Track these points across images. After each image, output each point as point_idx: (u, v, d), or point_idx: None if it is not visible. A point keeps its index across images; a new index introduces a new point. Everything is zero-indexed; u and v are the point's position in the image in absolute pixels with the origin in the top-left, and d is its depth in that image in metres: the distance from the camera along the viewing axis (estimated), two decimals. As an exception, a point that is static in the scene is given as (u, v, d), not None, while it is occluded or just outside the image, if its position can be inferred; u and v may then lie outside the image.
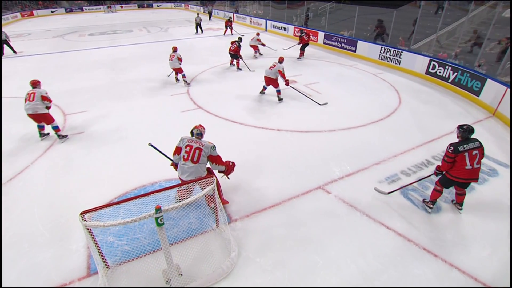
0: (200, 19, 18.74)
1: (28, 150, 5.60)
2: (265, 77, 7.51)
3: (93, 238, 2.82)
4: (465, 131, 3.51)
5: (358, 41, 11.95)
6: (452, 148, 3.47)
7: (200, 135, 3.68)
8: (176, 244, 3.36)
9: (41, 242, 3.56)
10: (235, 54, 10.17)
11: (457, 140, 3.65)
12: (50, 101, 5.78)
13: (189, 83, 8.93)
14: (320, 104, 7.35)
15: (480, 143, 3.53)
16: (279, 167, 4.91)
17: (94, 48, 14.84)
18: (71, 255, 3.38)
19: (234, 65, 10.72)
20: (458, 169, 3.51)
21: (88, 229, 2.72)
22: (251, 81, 9.12)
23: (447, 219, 3.84)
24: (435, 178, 4.04)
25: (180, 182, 3.60)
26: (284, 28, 16.86)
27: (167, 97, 8.04)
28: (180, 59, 8.54)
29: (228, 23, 17.39)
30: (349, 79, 9.44)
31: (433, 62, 9.05)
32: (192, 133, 3.72)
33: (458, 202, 3.95)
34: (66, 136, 5.99)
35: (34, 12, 31.77)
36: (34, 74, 10.32)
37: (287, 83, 7.47)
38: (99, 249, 2.93)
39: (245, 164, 4.96)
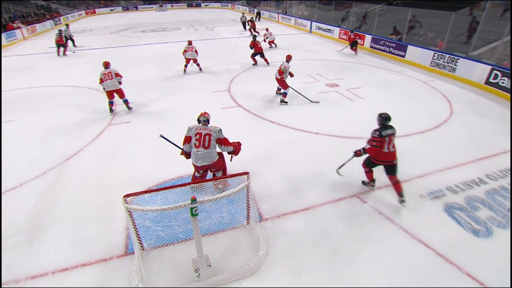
0: (245, 18, 19.19)
1: (83, 133, 6.18)
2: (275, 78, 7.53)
3: (132, 220, 3.04)
4: (384, 119, 4.00)
5: (409, 46, 11.28)
6: (377, 133, 3.91)
7: (207, 121, 3.88)
8: (207, 236, 3.47)
9: (88, 218, 3.93)
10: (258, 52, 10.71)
11: None
12: (121, 76, 6.97)
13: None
14: (311, 102, 7.37)
15: (394, 129, 4.00)
16: (314, 171, 4.83)
17: (145, 44, 15.87)
18: (112, 233, 3.67)
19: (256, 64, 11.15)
20: (378, 152, 3.94)
21: (129, 211, 2.93)
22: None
23: (498, 246, 3.48)
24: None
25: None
26: (330, 30, 16.50)
27: (208, 94, 8.33)
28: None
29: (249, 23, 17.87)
30: (395, 86, 8.96)
31: (495, 71, 8.21)
32: (199, 120, 3.90)
33: (398, 193, 4.06)
34: (132, 108, 7.28)
35: (96, 10, 34.97)
36: (92, 67, 11.37)
37: (282, 81, 7.40)
38: (137, 232, 3.14)
39: (280, 165, 4.98)
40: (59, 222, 3.88)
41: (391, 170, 4.06)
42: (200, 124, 3.88)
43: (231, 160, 4.23)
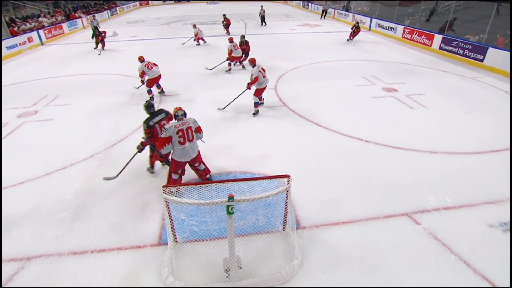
0: (264, 11, 19.46)
1: (129, 121, 6.72)
2: (263, 88, 6.86)
3: (169, 211, 3.23)
4: (145, 108, 4.41)
5: (490, 49, 10.27)
6: (145, 125, 4.27)
7: (184, 115, 4.03)
8: (240, 237, 3.56)
9: (127, 204, 4.27)
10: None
11: None
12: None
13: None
14: (221, 109, 7.17)
15: (165, 113, 4.39)
16: (361, 181, 4.66)
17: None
18: (148, 222, 3.95)
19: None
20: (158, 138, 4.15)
21: (166, 202, 3.13)
22: (342, 83, 8.86)
23: None
24: None
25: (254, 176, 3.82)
26: (392, 28, 15.72)
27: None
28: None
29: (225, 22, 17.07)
30: (467, 94, 8.23)
31: None
32: (176, 116, 3.99)
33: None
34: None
35: (150, 1, 37.72)
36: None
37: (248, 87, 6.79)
38: (172, 223, 3.34)
39: (324, 172, 4.89)
40: (100, 205, 4.28)
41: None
42: (176, 120, 3.99)
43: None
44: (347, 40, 14.63)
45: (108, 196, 4.45)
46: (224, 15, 17.18)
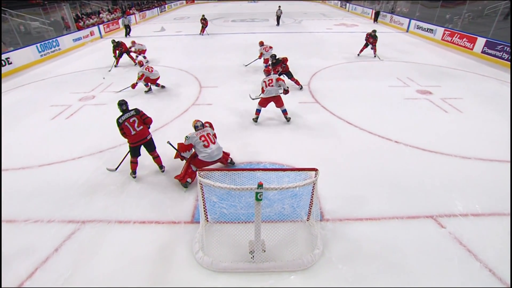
0: (281, 12, 18.62)
1: (171, 110, 6.99)
2: (268, 98, 6.01)
3: (202, 193, 3.35)
4: (118, 105, 4.43)
5: (537, 55, 9.22)
6: (116, 122, 4.31)
7: (202, 125, 4.41)
8: (266, 223, 3.60)
9: (166, 184, 4.49)
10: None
11: None
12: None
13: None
14: (252, 98, 6.57)
15: (135, 110, 4.41)
16: (388, 181, 4.48)
17: (233, 33, 16.78)
18: (183, 201, 4.12)
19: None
20: (129, 136, 4.31)
21: (200, 184, 3.24)
22: (376, 83, 8.48)
23: None
24: None
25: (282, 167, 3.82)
26: (431, 30, 14.64)
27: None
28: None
29: (203, 22, 16.36)
30: (507, 101, 7.49)
31: None
32: (196, 127, 4.38)
33: (159, 165, 4.72)
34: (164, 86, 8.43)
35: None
36: (185, 50, 12.69)
37: (287, 91, 6.09)
38: (204, 204, 3.46)
39: (351, 168, 4.77)
40: (143, 182, 4.54)
41: (148, 148, 4.54)
42: (198, 130, 4.34)
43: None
44: (358, 55, 11.54)
45: (150, 175, 4.70)
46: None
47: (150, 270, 3.15)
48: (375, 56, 11.19)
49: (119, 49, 10.73)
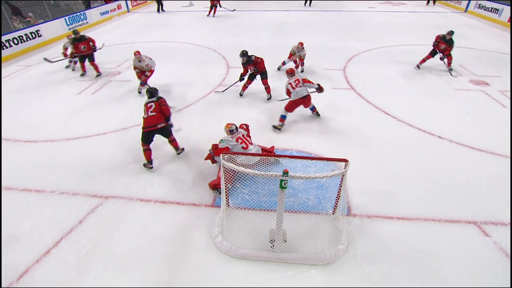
0: None
1: (196, 89, 7.14)
2: (296, 101, 5.40)
3: (225, 177, 3.46)
4: (147, 92, 4.94)
5: None
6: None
7: (236, 128, 4.47)
8: (289, 212, 3.66)
9: (188, 165, 4.68)
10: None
11: None
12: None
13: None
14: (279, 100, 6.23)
15: (157, 97, 4.71)
16: (426, 179, 4.33)
17: (266, 10, 16.51)
18: (205, 184, 4.27)
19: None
20: (143, 120, 4.56)
21: (224, 168, 3.34)
22: (420, 71, 8.05)
23: None
24: None
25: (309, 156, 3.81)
26: (496, 10, 13.42)
27: (321, 70, 8.23)
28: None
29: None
30: None
31: None
32: (231, 131, 4.40)
33: (175, 147, 4.85)
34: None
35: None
36: (212, 27, 12.83)
37: (321, 89, 5.35)
38: (226, 188, 3.57)
39: (385, 162, 4.66)
40: (165, 163, 4.75)
41: (162, 134, 4.66)
42: (233, 134, 4.39)
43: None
44: (418, 67, 8.30)
45: (173, 156, 4.90)
46: None
47: (168, 250, 3.34)
48: (450, 70, 7.93)
49: (77, 49, 7.72)
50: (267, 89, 6.67)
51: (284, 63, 8.25)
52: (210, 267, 3.17)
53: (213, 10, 15.10)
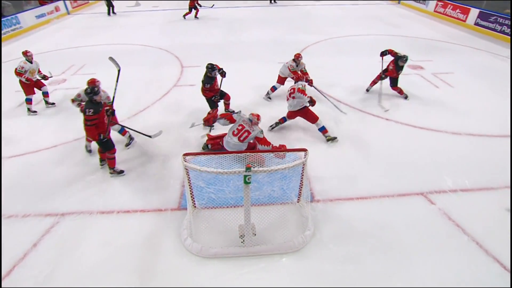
0: None
1: (150, 92, 6.83)
2: (293, 112, 5.15)
3: (188, 178, 3.35)
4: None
5: (529, 26, 9.42)
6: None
7: (250, 121, 4.40)
8: (256, 206, 3.65)
9: (150, 170, 4.47)
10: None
11: None
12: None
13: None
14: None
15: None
16: (379, 159, 4.61)
17: (215, 7, 16.22)
18: (169, 188, 4.12)
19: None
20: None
21: (186, 169, 3.23)
22: (366, 59, 8.50)
23: None
24: None
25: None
26: (423, 1, 14.60)
27: (274, 64, 8.26)
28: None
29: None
30: (499, 75, 7.70)
31: None
32: (250, 120, 4.40)
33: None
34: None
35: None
36: (163, 27, 12.28)
37: (313, 102, 4.96)
38: (191, 190, 3.48)
39: (340, 147, 4.87)
40: (125, 170, 4.48)
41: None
42: (246, 120, 4.44)
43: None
44: (367, 90, 6.82)
45: (133, 162, 4.64)
46: None
47: (138, 260, 3.18)
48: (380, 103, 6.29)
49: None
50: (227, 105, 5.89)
51: (274, 89, 6.48)
52: (182, 271, 3.08)
53: (194, 12, 13.75)
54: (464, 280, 2.97)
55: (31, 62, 6.03)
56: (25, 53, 6.00)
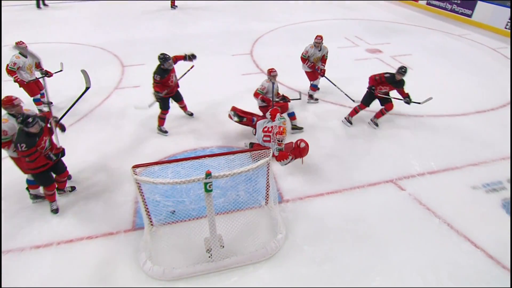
0: None
1: (88, 97, 6.41)
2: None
3: (141, 193, 3.22)
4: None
5: (478, 2, 10.47)
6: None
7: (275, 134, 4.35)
8: (221, 215, 3.62)
9: (93, 190, 4.20)
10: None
11: None
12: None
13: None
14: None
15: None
16: (346, 150, 4.83)
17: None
18: (119, 207, 3.92)
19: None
20: None
21: (138, 183, 3.10)
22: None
23: None
24: None
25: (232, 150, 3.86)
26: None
27: (228, 57, 8.29)
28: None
29: None
30: (454, 53, 8.50)
31: None
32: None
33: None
34: None
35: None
36: (95, 21, 11.60)
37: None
38: (146, 206, 3.34)
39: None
40: (61, 197, 4.10)
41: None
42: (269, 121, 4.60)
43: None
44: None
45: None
46: None
47: (89, 295, 2.99)
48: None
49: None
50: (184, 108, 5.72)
51: (315, 87, 6.23)
52: (144, 299, 2.96)
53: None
54: (440, 264, 3.22)
55: (25, 56, 5.17)
56: (18, 44, 4.95)
